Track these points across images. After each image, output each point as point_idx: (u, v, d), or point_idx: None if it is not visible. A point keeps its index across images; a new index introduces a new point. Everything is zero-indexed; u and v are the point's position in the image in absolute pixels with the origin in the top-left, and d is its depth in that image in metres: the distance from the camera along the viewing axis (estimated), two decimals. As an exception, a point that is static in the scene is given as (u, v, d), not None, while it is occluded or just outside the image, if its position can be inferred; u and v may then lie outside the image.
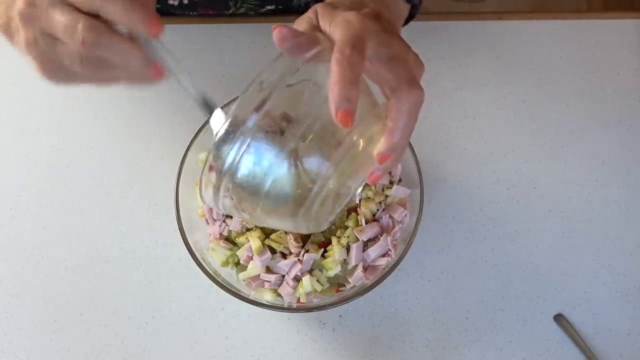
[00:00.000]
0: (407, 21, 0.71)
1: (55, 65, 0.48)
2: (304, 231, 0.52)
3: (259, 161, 0.45)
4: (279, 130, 0.45)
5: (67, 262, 0.76)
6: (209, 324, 0.73)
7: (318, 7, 0.50)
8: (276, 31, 0.47)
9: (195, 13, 0.85)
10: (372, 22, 0.46)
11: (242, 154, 0.45)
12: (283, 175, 0.46)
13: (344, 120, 0.43)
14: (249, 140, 0.45)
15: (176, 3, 0.83)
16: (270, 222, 0.53)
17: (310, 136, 0.45)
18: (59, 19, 0.45)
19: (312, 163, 0.46)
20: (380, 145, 0.47)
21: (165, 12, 0.85)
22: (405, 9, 0.68)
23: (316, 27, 0.50)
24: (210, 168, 0.47)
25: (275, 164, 0.45)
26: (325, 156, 0.46)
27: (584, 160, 0.79)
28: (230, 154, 0.45)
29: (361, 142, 0.47)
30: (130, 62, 0.47)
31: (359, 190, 0.53)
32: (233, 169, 0.45)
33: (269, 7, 0.84)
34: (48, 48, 0.47)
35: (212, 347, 0.72)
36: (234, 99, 0.68)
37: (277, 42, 0.47)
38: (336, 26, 0.47)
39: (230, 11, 0.83)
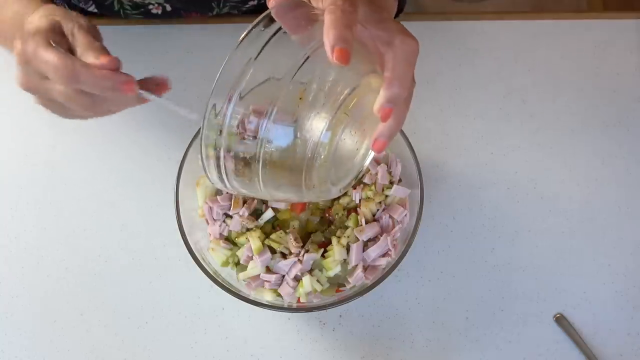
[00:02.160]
0: (396, 15, 0.71)
1: (51, 101, 0.52)
2: (314, 199, 0.51)
3: (251, 129, 0.46)
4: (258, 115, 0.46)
5: (67, 262, 0.76)
6: (209, 324, 0.73)
7: None
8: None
9: (179, 18, 0.86)
10: None
11: (232, 122, 0.46)
12: (275, 140, 0.46)
13: (340, 57, 0.43)
14: (240, 110, 0.46)
15: (159, 12, 0.83)
16: (278, 194, 0.52)
17: (291, 108, 0.45)
18: (47, 59, 0.49)
19: (301, 130, 0.46)
20: (379, 98, 0.46)
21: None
22: (393, 5, 0.68)
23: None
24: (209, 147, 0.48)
25: (266, 130, 0.45)
26: (310, 122, 0.46)
27: (584, 160, 0.79)
28: (224, 122, 0.46)
29: (354, 99, 0.46)
30: (117, 97, 0.51)
31: (368, 159, 0.52)
32: (228, 136, 0.46)
33: (251, 3, 0.84)
34: (41, 86, 0.51)
35: (212, 347, 0.72)
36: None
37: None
38: None
39: (214, 12, 0.84)
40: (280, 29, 0.47)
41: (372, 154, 0.52)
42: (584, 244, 0.75)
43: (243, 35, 0.47)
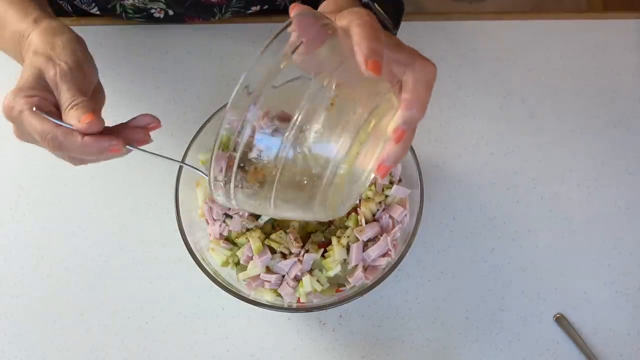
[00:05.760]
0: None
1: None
2: (323, 218, 0.51)
3: (266, 151, 0.45)
4: (278, 126, 0.45)
5: (67, 262, 0.76)
6: (209, 324, 0.73)
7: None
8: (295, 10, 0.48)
9: (182, 24, 0.86)
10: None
11: (248, 144, 0.45)
12: (291, 163, 0.46)
13: (374, 69, 0.43)
14: (251, 133, 0.45)
15: (161, 16, 0.83)
16: (286, 213, 0.52)
17: (314, 124, 0.45)
18: (31, 126, 0.49)
19: (320, 148, 0.46)
20: (396, 119, 0.46)
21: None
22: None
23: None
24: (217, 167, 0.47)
25: (281, 153, 0.45)
26: (334, 139, 0.46)
27: (584, 160, 0.79)
28: (238, 146, 0.45)
29: (371, 123, 0.46)
30: (94, 157, 0.52)
31: (369, 180, 0.52)
32: (242, 159, 0.46)
33: (254, 9, 0.84)
34: (34, 142, 0.52)
35: (212, 347, 0.72)
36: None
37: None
38: (350, 13, 0.48)
39: (216, 17, 0.84)
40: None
41: (372, 176, 0.52)
42: (584, 244, 0.75)
43: (267, 42, 0.46)
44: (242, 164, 0.46)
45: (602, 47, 0.84)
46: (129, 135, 0.52)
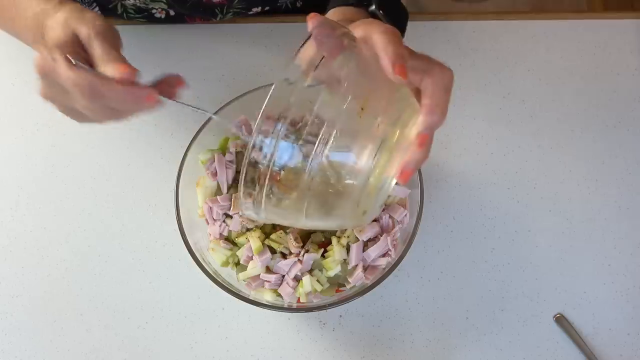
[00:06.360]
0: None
1: (71, 110, 0.53)
2: (349, 225, 0.52)
3: (297, 162, 0.46)
4: (307, 135, 0.46)
5: (67, 262, 0.76)
6: (209, 324, 0.73)
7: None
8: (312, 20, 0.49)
9: (183, 24, 0.86)
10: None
11: (281, 156, 0.46)
12: (322, 173, 0.46)
13: (401, 72, 0.45)
14: (285, 144, 0.46)
15: (162, 16, 0.83)
16: (318, 223, 0.52)
17: (340, 136, 0.46)
18: (67, 77, 0.50)
19: (351, 157, 0.47)
20: (419, 124, 0.47)
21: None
22: None
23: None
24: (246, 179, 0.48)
25: (312, 163, 0.46)
26: (363, 148, 0.47)
27: (584, 160, 0.79)
28: (270, 157, 0.46)
29: (397, 131, 0.47)
30: (130, 106, 0.53)
31: (392, 186, 0.53)
32: (274, 170, 0.46)
33: (255, 10, 0.84)
34: (62, 99, 0.52)
35: (212, 347, 0.72)
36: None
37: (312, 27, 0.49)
38: (366, 23, 0.49)
39: (218, 18, 0.84)
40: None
41: (394, 183, 0.52)
42: (584, 244, 0.75)
43: (291, 57, 0.47)
44: (273, 174, 0.47)
45: (602, 47, 0.84)
46: (160, 88, 0.53)
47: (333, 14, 0.60)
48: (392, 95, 0.48)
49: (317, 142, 0.45)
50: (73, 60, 0.50)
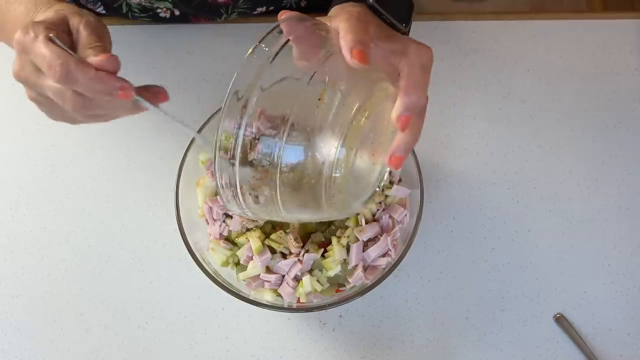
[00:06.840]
0: None
1: (42, 97, 0.50)
2: (337, 216, 0.51)
3: (263, 154, 0.45)
4: (272, 128, 0.45)
5: (67, 262, 0.76)
6: (209, 324, 0.73)
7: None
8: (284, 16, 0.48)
9: (187, 24, 0.86)
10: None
11: (244, 149, 0.45)
12: (287, 164, 0.46)
13: (359, 57, 0.43)
14: (248, 136, 0.45)
15: (167, 15, 0.83)
16: (300, 215, 0.52)
17: (305, 122, 0.45)
18: (42, 52, 0.46)
19: (314, 145, 0.46)
20: (396, 107, 0.46)
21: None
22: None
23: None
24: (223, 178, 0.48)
25: (276, 154, 0.45)
26: (326, 134, 0.45)
27: (584, 160, 0.79)
28: (236, 153, 0.46)
29: (361, 118, 0.46)
30: (111, 102, 0.49)
31: (385, 175, 0.52)
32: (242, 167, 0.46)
33: (260, 10, 0.84)
34: (34, 79, 0.49)
35: (212, 347, 0.72)
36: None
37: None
38: (340, 12, 0.48)
39: (222, 18, 0.84)
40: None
41: (387, 170, 0.52)
42: (584, 244, 0.75)
43: (257, 41, 0.46)
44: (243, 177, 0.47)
45: (602, 47, 0.84)
46: (140, 90, 0.50)
47: (334, 11, 0.60)
48: (360, 80, 0.47)
49: (279, 132, 0.45)
50: (55, 40, 0.47)
